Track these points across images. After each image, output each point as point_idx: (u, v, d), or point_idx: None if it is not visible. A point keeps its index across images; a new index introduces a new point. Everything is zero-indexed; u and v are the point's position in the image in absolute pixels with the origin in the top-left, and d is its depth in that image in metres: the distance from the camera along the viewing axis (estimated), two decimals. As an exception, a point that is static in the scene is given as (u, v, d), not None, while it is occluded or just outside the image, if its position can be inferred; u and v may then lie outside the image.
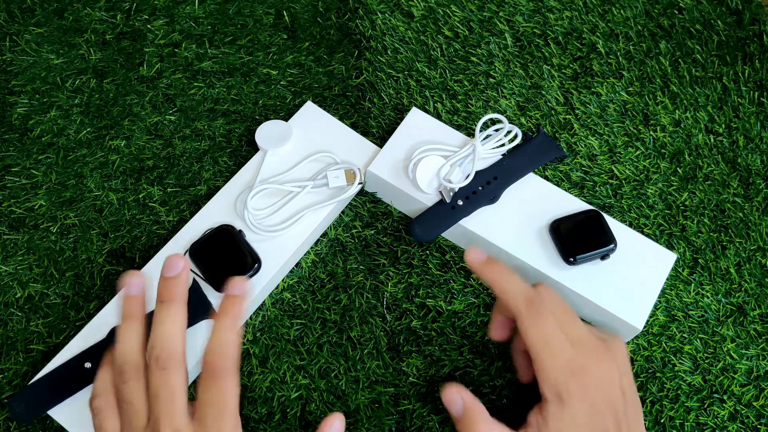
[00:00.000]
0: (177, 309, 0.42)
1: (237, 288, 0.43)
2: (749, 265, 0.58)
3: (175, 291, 0.42)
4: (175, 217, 0.58)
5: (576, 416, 0.42)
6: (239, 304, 0.43)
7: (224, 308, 0.42)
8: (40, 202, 0.58)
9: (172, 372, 0.40)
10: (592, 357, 0.44)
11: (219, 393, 0.40)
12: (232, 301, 0.42)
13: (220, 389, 0.40)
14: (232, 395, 0.40)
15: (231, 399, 0.40)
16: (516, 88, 0.65)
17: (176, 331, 0.42)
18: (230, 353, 0.41)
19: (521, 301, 0.45)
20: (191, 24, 0.66)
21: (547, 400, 0.43)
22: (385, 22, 0.67)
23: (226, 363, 0.40)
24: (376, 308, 0.55)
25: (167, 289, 0.42)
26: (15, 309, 0.54)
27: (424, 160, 0.56)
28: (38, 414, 0.48)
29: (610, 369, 0.44)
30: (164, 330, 0.41)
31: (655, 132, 0.63)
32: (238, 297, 0.43)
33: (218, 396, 0.40)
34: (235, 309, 0.42)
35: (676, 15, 0.70)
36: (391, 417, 0.51)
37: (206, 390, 0.40)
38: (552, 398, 0.42)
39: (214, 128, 0.62)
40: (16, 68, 0.63)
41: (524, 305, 0.45)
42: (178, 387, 0.40)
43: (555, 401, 0.42)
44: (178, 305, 0.42)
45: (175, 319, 0.42)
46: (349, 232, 0.58)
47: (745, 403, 0.53)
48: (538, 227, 0.55)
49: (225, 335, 0.41)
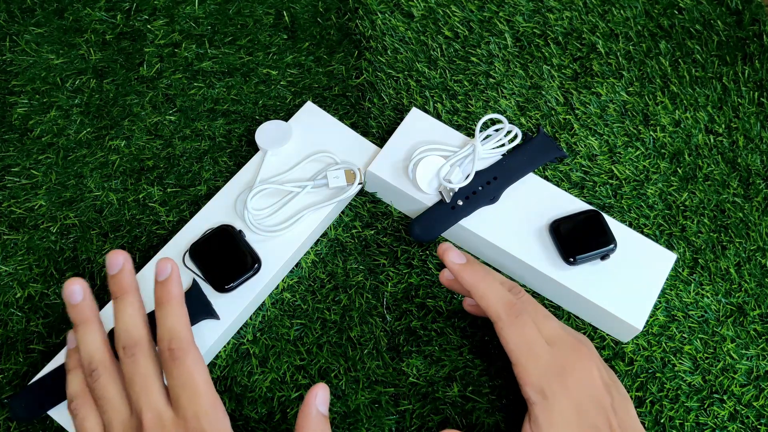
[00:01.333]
0: (131, 299, 0.43)
1: (164, 272, 0.43)
2: (749, 265, 0.58)
3: (121, 284, 0.43)
4: (175, 217, 0.58)
5: (564, 414, 0.42)
6: (171, 286, 0.43)
7: (159, 297, 0.43)
8: (40, 202, 0.58)
9: (140, 357, 0.41)
10: (570, 356, 0.44)
11: (185, 373, 0.40)
12: (163, 288, 0.43)
13: (184, 370, 0.40)
14: (199, 373, 0.41)
15: (199, 377, 0.40)
16: (516, 88, 0.65)
17: (136, 319, 0.43)
18: (182, 335, 0.42)
19: (501, 307, 0.46)
20: (191, 24, 0.66)
21: (533, 402, 0.43)
22: (385, 22, 0.67)
23: (180, 344, 0.41)
24: (376, 308, 0.55)
25: (114, 286, 0.43)
26: (15, 309, 0.54)
27: (424, 160, 0.56)
28: (38, 414, 0.48)
29: (589, 366, 0.44)
30: (125, 321, 0.42)
31: (655, 132, 0.63)
32: (168, 280, 0.43)
33: (185, 377, 0.40)
34: (171, 293, 0.43)
35: (676, 15, 0.70)
36: (391, 417, 0.51)
37: (170, 374, 0.41)
38: (537, 399, 0.43)
39: (214, 128, 0.62)
40: (16, 68, 0.63)
41: (504, 311, 0.45)
42: (150, 370, 0.41)
43: (540, 401, 0.43)
44: (129, 295, 0.43)
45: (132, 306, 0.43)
46: (349, 232, 0.58)
47: (745, 403, 0.53)
48: (538, 227, 0.55)
49: (170, 322, 0.42)
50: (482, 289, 0.47)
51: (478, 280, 0.47)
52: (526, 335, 0.45)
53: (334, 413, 0.51)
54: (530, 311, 0.46)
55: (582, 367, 0.44)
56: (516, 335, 0.45)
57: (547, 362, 0.44)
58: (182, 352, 0.41)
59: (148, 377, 0.41)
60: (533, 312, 0.46)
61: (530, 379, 0.44)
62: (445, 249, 0.49)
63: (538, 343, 0.44)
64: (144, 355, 0.41)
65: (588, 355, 0.45)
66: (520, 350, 0.44)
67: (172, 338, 0.41)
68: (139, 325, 0.43)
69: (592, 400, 0.43)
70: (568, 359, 0.44)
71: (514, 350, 0.45)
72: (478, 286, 0.47)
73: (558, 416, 0.42)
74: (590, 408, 0.43)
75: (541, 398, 0.43)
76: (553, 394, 0.43)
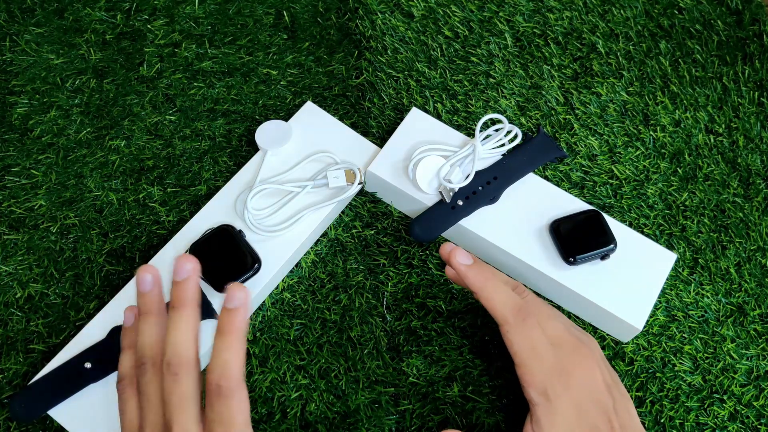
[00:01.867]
0: (188, 314, 0.41)
1: (235, 299, 0.40)
2: (749, 265, 0.58)
3: (185, 295, 0.41)
4: (175, 217, 0.58)
5: (565, 415, 0.42)
6: (239, 317, 0.40)
7: (223, 325, 0.40)
8: (40, 202, 0.58)
9: (183, 378, 0.40)
10: (573, 357, 0.44)
11: (226, 411, 0.39)
12: (230, 317, 0.40)
13: (226, 408, 0.39)
14: (240, 411, 0.39)
15: (238, 415, 0.39)
16: (516, 88, 0.65)
17: (188, 337, 0.40)
18: (233, 374, 0.40)
19: (508, 311, 0.46)
20: (191, 24, 0.66)
21: (536, 404, 0.43)
22: (385, 22, 0.67)
23: (230, 383, 0.39)
24: (376, 308, 0.55)
25: (177, 293, 0.41)
26: (15, 309, 0.54)
27: (424, 160, 0.56)
28: (38, 414, 0.48)
29: (592, 367, 0.44)
30: (176, 336, 0.40)
31: (655, 132, 0.63)
32: (237, 310, 0.40)
33: (225, 414, 0.39)
34: (236, 324, 0.40)
35: (676, 15, 0.70)
36: (391, 417, 0.51)
37: (212, 407, 0.39)
38: (539, 400, 0.43)
39: (214, 128, 0.62)
40: (16, 68, 0.63)
41: (511, 315, 0.46)
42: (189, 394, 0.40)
43: (543, 402, 0.43)
44: (188, 310, 0.41)
45: (188, 323, 0.41)
46: (349, 232, 0.58)
47: (745, 403, 0.53)
48: (538, 227, 0.55)
49: (226, 356, 0.39)
50: (488, 291, 0.47)
51: (484, 281, 0.47)
52: (532, 338, 0.45)
53: (334, 413, 0.51)
54: (535, 313, 0.46)
55: (584, 368, 0.44)
56: (521, 338, 0.45)
57: (550, 364, 0.44)
58: (230, 391, 0.39)
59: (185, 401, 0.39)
60: (538, 313, 0.46)
61: (533, 380, 0.44)
62: (452, 249, 0.49)
63: (542, 345, 0.45)
64: (187, 377, 0.40)
65: (590, 356, 0.45)
66: (524, 353, 0.44)
67: (223, 375, 0.39)
68: (191, 344, 0.41)
69: (593, 401, 0.43)
70: (570, 360, 0.44)
71: (518, 353, 0.45)
72: (485, 288, 0.47)
73: (560, 418, 0.42)
74: (591, 409, 0.43)
75: (543, 400, 0.43)
76: (555, 395, 0.43)
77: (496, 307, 0.46)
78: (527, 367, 0.44)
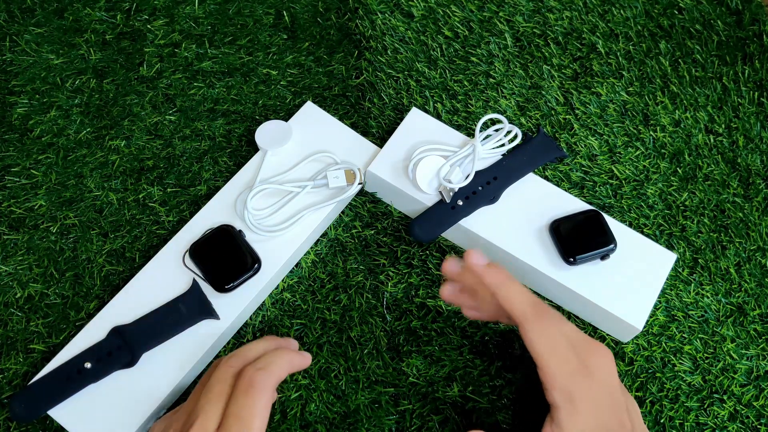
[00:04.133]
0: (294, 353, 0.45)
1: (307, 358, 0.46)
2: (749, 265, 0.58)
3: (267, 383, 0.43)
4: (175, 217, 0.58)
5: (587, 418, 0.42)
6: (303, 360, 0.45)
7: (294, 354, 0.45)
8: (40, 202, 0.58)
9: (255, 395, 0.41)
10: (590, 358, 0.44)
11: (248, 406, 0.39)
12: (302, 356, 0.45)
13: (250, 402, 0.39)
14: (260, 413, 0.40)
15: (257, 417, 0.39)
16: (516, 88, 0.65)
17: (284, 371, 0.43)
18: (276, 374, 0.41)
19: (528, 307, 0.45)
20: (191, 24, 0.66)
21: (558, 407, 0.42)
22: (385, 22, 0.67)
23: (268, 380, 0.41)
24: (376, 308, 0.55)
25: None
26: (15, 309, 0.54)
27: (424, 160, 0.56)
28: (38, 414, 0.48)
29: (611, 367, 0.44)
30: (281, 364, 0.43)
31: (655, 132, 0.63)
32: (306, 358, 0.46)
33: (246, 410, 0.39)
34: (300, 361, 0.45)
35: (676, 15, 0.70)
36: (391, 417, 0.51)
37: (235, 401, 0.40)
38: (563, 404, 0.42)
39: (214, 128, 0.62)
40: (16, 68, 0.63)
41: (531, 311, 0.44)
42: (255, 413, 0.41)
43: (566, 407, 0.42)
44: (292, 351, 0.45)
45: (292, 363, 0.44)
46: (349, 232, 0.58)
47: (745, 403, 0.53)
48: (538, 227, 0.55)
49: (282, 358, 0.43)
50: (506, 289, 0.46)
51: (502, 280, 0.46)
52: (553, 336, 0.44)
53: (334, 413, 0.51)
54: (551, 312, 0.46)
55: (604, 369, 0.44)
56: (543, 337, 0.44)
57: (573, 366, 0.43)
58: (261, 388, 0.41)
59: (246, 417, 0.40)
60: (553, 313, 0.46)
61: (555, 381, 0.43)
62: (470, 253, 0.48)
63: (563, 345, 0.44)
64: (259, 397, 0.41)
65: (608, 356, 0.45)
66: (546, 354, 0.43)
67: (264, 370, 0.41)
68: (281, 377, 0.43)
69: (612, 402, 0.43)
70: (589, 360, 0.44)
71: (541, 354, 0.44)
72: (503, 287, 0.46)
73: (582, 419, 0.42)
74: (611, 409, 0.43)
75: (567, 403, 0.42)
76: (580, 398, 0.42)
77: (515, 305, 0.45)
78: (550, 368, 0.43)
